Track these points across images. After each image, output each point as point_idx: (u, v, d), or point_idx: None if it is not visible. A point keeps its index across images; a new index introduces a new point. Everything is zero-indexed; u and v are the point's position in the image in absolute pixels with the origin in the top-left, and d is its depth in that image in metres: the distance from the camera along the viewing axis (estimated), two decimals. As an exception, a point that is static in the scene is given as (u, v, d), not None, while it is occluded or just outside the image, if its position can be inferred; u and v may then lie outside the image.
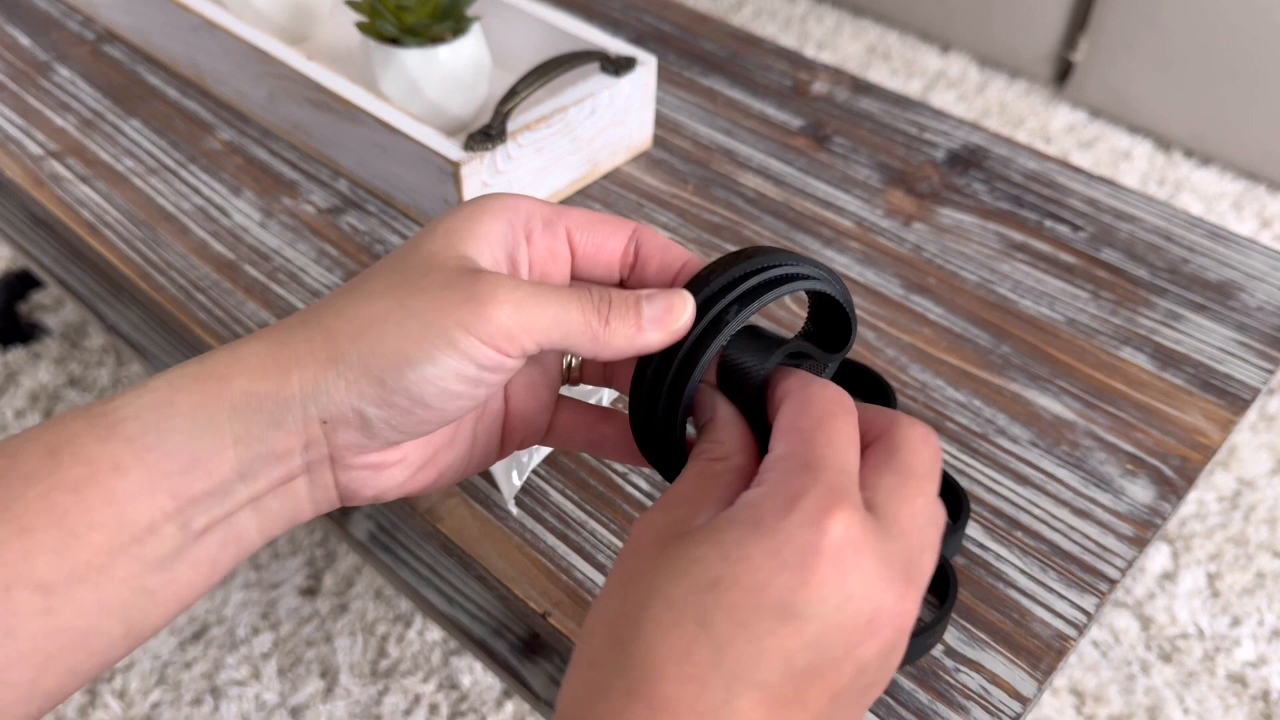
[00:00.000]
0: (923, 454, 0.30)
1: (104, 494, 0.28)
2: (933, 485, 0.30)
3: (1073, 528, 0.48)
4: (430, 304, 0.30)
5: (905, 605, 0.27)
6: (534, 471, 0.50)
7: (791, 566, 0.26)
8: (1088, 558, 0.47)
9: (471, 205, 0.33)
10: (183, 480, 0.29)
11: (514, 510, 0.49)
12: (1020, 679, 0.42)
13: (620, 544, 0.47)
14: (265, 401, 0.30)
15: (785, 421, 0.30)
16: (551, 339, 0.31)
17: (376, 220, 0.65)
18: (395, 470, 0.34)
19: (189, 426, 0.29)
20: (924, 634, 0.42)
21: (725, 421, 0.32)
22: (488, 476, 0.50)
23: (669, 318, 0.32)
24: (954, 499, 0.47)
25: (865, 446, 0.30)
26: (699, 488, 0.30)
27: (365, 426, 0.31)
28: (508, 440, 0.37)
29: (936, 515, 0.30)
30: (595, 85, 0.64)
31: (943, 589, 0.45)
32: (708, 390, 0.33)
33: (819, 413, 0.30)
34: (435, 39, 0.65)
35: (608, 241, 0.35)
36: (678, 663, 0.26)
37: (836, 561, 0.26)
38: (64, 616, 0.28)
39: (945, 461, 0.51)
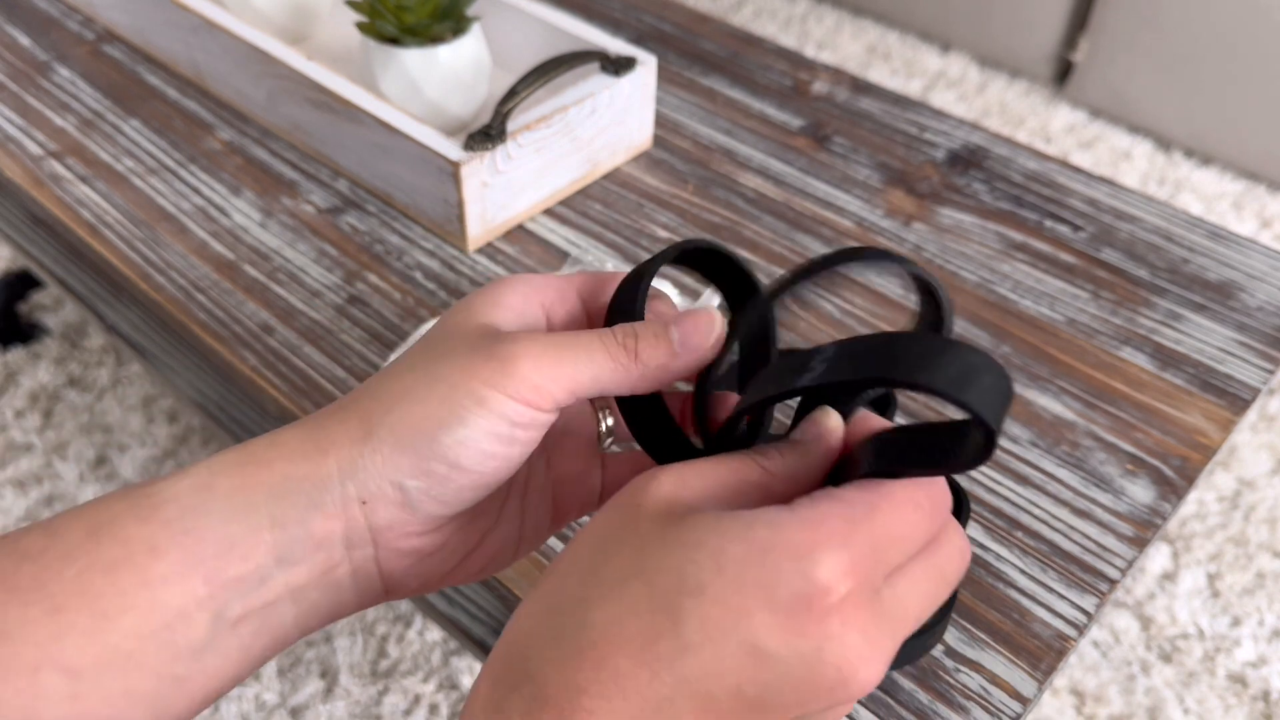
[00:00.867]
0: (959, 566, 0.29)
1: (138, 576, 0.28)
2: (943, 591, 0.29)
3: (1073, 528, 0.48)
4: (454, 367, 0.30)
5: (873, 682, 0.27)
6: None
7: (779, 608, 0.26)
8: (1088, 558, 0.47)
9: (491, 285, 0.33)
10: (217, 564, 0.29)
11: None
12: (1020, 679, 0.42)
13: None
14: (303, 483, 0.30)
15: (864, 487, 0.28)
16: (581, 384, 0.31)
17: (376, 220, 0.65)
18: (437, 559, 0.33)
19: (226, 509, 0.29)
20: (923, 635, 0.42)
21: (813, 461, 0.31)
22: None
23: (699, 336, 0.32)
24: (954, 499, 0.47)
25: None
26: (733, 478, 0.30)
27: (405, 501, 0.30)
28: (560, 511, 0.37)
29: (930, 611, 0.29)
30: (595, 85, 0.64)
31: None
32: (829, 417, 0.31)
33: (913, 499, 0.28)
34: (435, 39, 0.64)
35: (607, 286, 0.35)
36: (639, 645, 0.26)
37: (822, 623, 0.26)
38: (90, 703, 0.27)
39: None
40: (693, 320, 0.32)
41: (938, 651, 0.43)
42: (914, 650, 0.42)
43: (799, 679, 0.26)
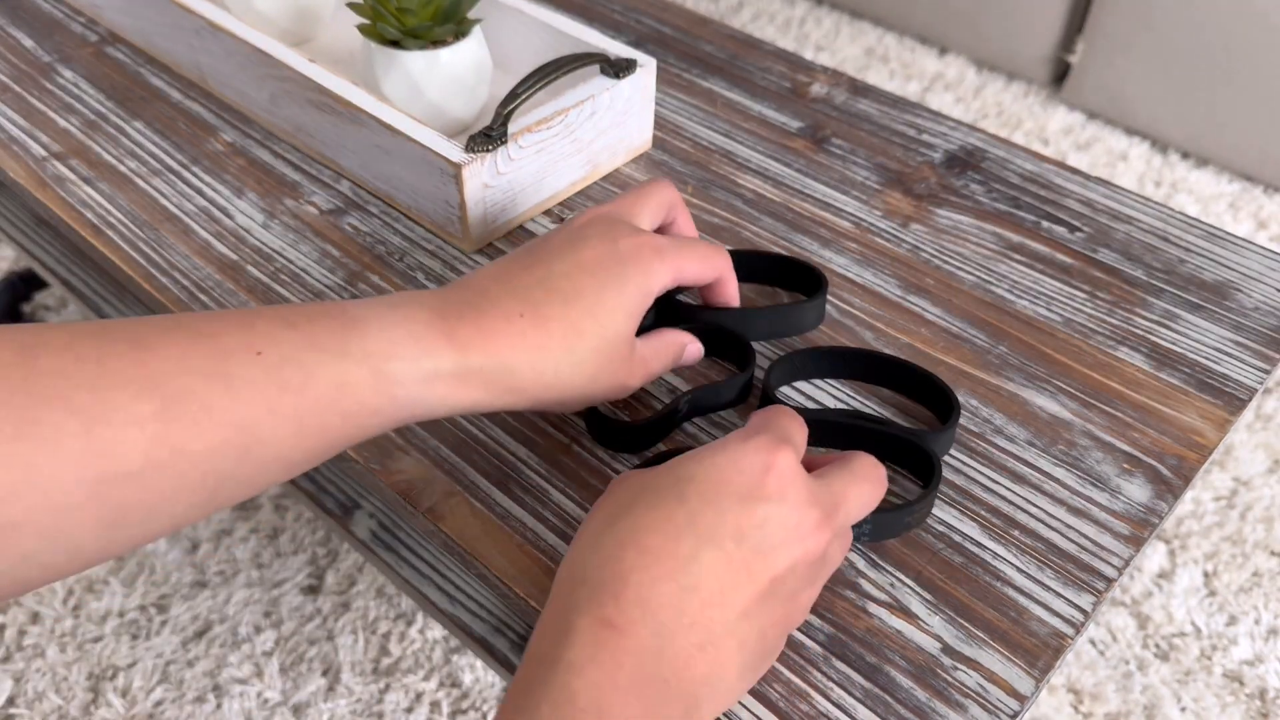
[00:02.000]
0: (869, 468, 0.42)
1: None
2: (870, 488, 0.42)
3: (1070, 526, 0.49)
4: (613, 377, 0.46)
5: (820, 534, 0.38)
6: (534, 471, 0.51)
7: (749, 472, 0.37)
8: (1085, 556, 0.47)
9: (641, 295, 0.46)
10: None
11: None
12: (1018, 677, 0.43)
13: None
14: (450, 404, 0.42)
15: (757, 415, 0.42)
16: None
17: (379, 221, 0.66)
18: None
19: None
20: (903, 510, 0.46)
21: None
22: (490, 477, 0.51)
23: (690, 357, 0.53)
24: (943, 401, 0.52)
25: (833, 460, 0.43)
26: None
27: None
28: None
29: (866, 501, 0.42)
30: (595, 87, 0.65)
31: (927, 475, 0.49)
32: None
33: (773, 411, 0.42)
34: (437, 41, 0.65)
35: (703, 276, 0.51)
36: (661, 524, 0.36)
37: (780, 478, 0.37)
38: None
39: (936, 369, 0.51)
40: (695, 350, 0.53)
41: (935, 649, 0.44)
42: (893, 525, 0.48)
43: (776, 519, 0.37)
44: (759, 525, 0.36)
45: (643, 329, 0.56)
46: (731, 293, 0.54)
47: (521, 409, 0.44)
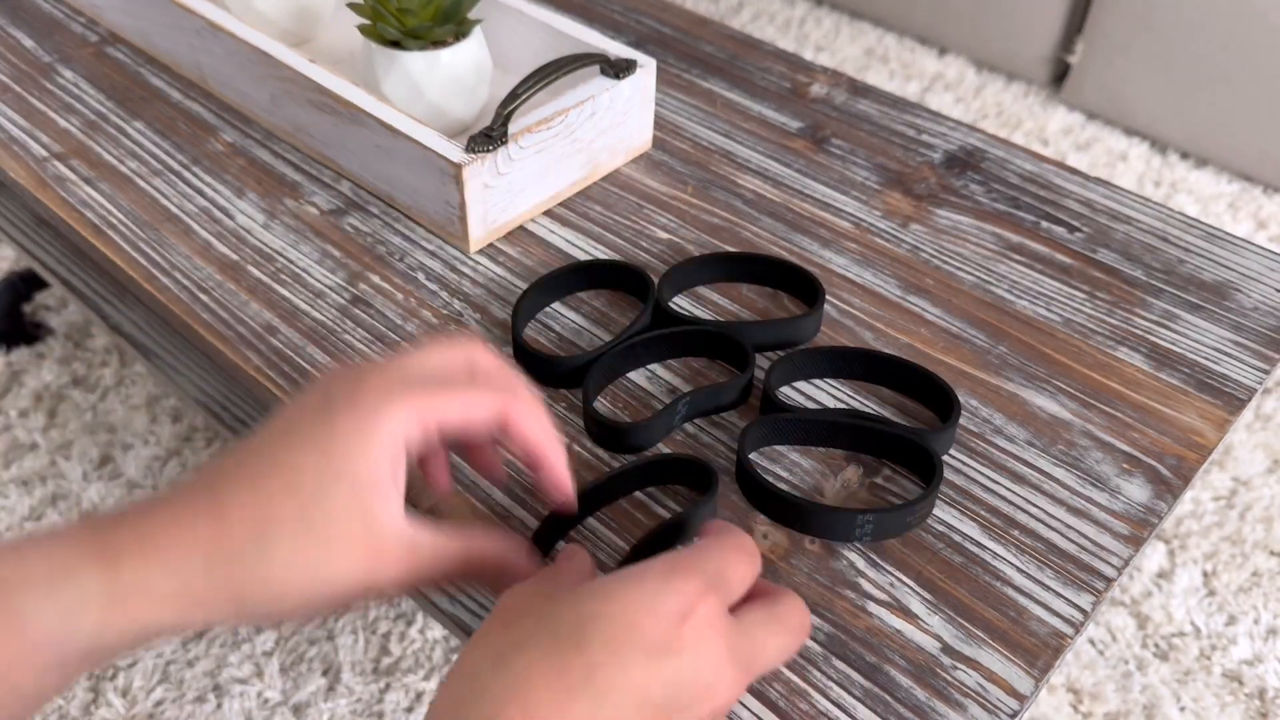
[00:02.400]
0: (795, 616, 0.36)
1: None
2: (790, 639, 0.36)
3: (1069, 526, 0.49)
4: (347, 567, 0.35)
5: (734, 691, 0.33)
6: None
7: (663, 618, 0.32)
8: (1084, 556, 0.47)
9: (364, 450, 0.35)
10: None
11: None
12: (1017, 676, 0.43)
13: (621, 543, 0.48)
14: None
15: (698, 543, 0.37)
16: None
17: (379, 221, 0.66)
18: None
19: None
20: (903, 509, 0.47)
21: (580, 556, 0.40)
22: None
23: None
24: (943, 400, 0.52)
25: (759, 597, 0.37)
26: (565, 568, 0.38)
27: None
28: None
29: (783, 654, 0.36)
30: (596, 87, 0.65)
31: (927, 474, 0.49)
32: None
33: (729, 542, 0.36)
34: (437, 42, 0.65)
35: (475, 418, 0.38)
36: (554, 676, 0.30)
37: (698, 629, 0.32)
38: None
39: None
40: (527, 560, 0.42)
41: (935, 649, 0.44)
42: (895, 524, 0.47)
43: (688, 677, 0.32)
44: (667, 685, 0.31)
45: (639, 334, 0.55)
46: (539, 440, 0.40)
47: (230, 623, 0.35)
